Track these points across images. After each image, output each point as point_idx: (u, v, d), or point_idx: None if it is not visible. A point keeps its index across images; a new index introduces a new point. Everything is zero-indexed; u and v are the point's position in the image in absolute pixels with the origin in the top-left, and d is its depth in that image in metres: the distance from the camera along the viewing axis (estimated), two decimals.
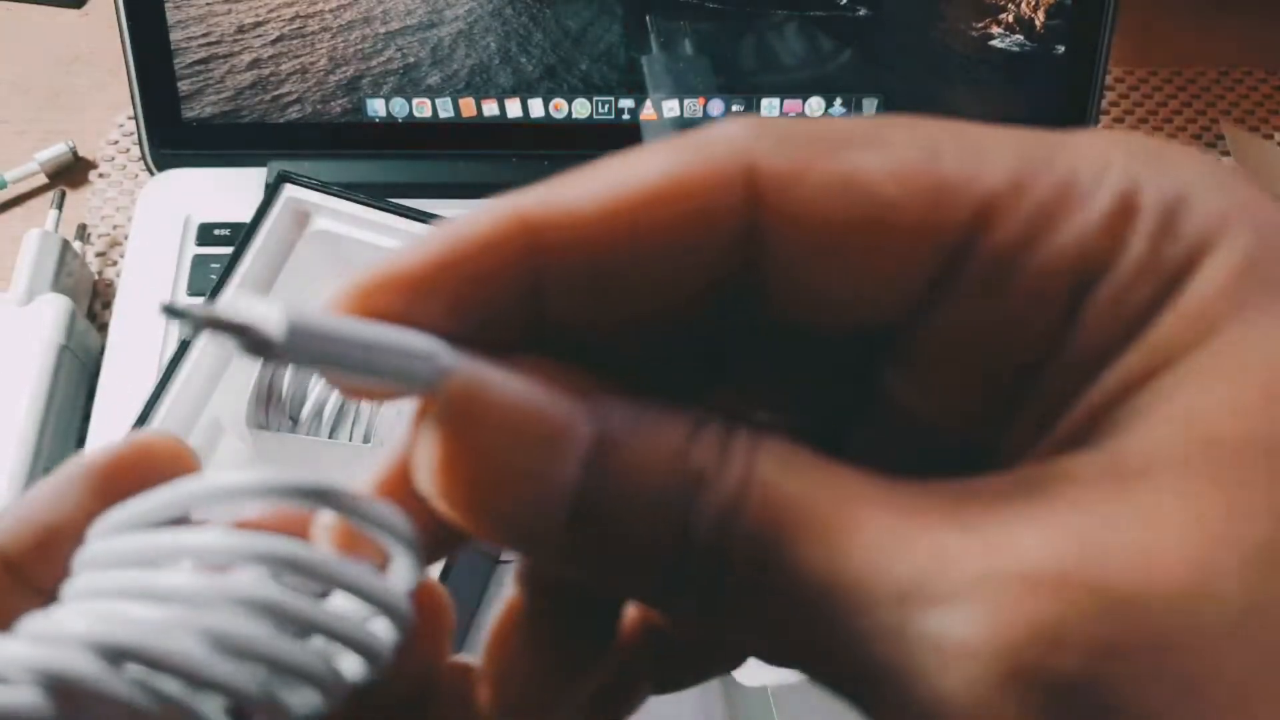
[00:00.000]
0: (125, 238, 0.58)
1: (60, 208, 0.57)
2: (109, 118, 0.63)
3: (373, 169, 0.57)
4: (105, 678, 0.14)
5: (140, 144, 0.57)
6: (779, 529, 0.14)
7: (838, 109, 0.57)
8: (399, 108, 0.57)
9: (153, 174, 0.58)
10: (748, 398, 0.17)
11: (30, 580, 0.17)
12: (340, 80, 0.56)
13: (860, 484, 0.14)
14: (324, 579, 0.15)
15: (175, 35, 0.55)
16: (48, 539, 0.17)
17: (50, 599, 0.16)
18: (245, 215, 0.53)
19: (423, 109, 0.57)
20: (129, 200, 0.59)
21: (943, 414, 0.15)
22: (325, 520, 0.16)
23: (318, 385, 0.41)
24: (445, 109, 0.57)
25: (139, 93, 0.56)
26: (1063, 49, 0.56)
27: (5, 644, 0.14)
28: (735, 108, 0.57)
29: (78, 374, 0.52)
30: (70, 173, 0.61)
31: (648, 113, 0.57)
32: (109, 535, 0.16)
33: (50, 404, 0.49)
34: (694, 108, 0.57)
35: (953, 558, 0.13)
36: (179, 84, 0.56)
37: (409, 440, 0.15)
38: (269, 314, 0.13)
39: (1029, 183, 0.14)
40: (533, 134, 0.58)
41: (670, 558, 0.14)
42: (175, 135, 0.57)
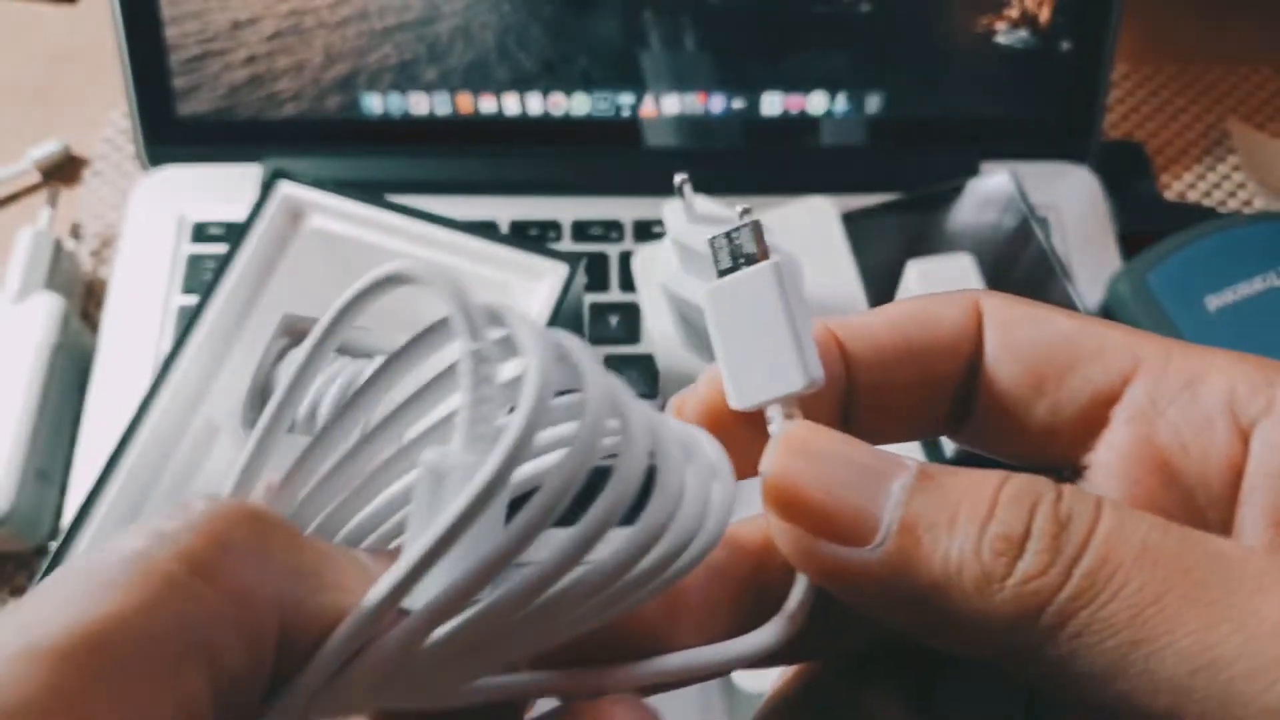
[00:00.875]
0: (119, 236, 0.57)
1: (53, 206, 0.56)
2: (102, 115, 0.62)
3: (369, 166, 0.57)
4: None
5: (134, 141, 0.57)
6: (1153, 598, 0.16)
7: (840, 104, 0.56)
8: (395, 104, 0.56)
9: (146, 171, 0.57)
10: None
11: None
12: (336, 76, 0.55)
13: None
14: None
15: (169, 31, 0.54)
16: None
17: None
18: (240, 213, 0.52)
19: (419, 105, 0.56)
20: (122, 198, 0.59)
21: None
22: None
23: (312, 386, 0.41)
24: (442, 105, 0.56)
25: (133, 89, 0.55)
26: (1068, 45, 0.55)
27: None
28: (736, 104, 0.56)
29: (71, 373, 0.51)
30: (63, 170, 0.60)
31: (647, 109, 0.57)
32: None
33: (43, 403, 0.49)
34: (694, 104, 0.56)
35: None
36: (173, 80, 0.55)
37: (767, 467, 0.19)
38: None
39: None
40: (531, 130, 0.57)
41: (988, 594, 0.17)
42: (169, 132, 0.56)
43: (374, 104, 0.56)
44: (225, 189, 0.56)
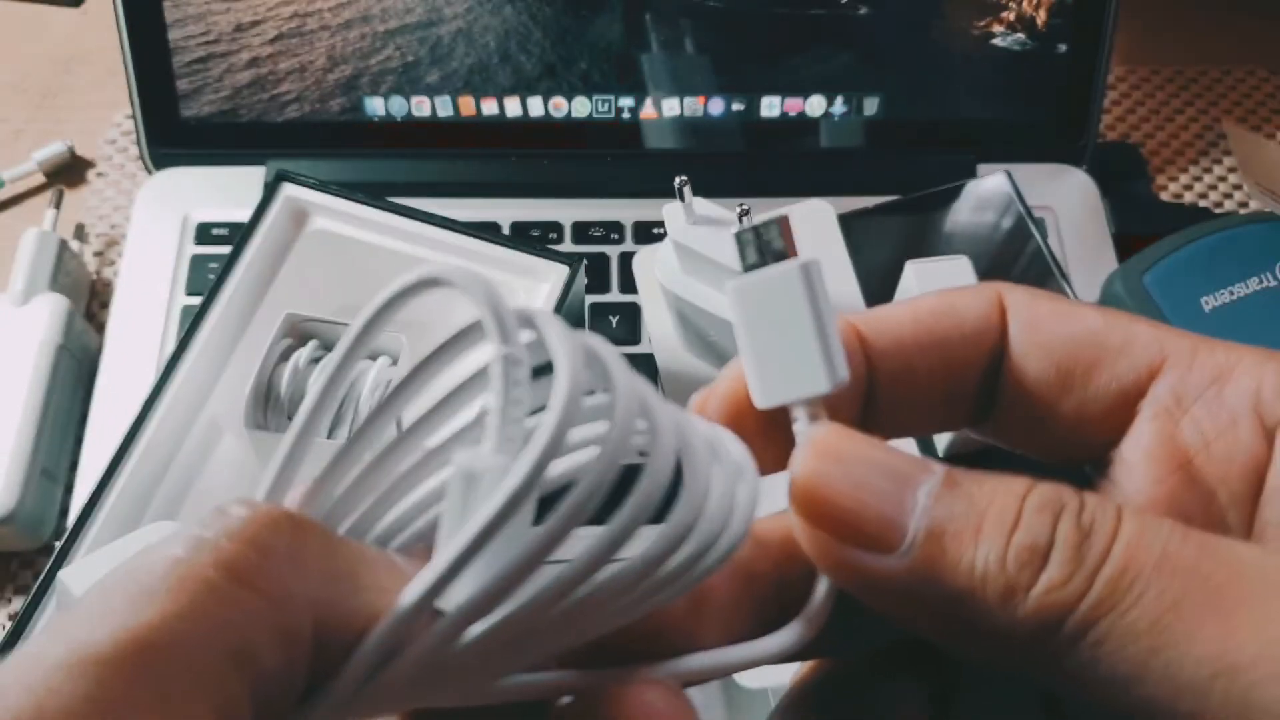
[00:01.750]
0: (123, 237, 0.57)
1: (58, 207, 0.56)
2: (107, 117, 0.62)
3: (371, 168, 0.57)
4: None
5: (138, 143, 0.57)
6: (1169, 607, 0.16)
7: (838, 107, 0.57)
8: (398, 106, 0.57)
9: (151, 173, 0.58)
10: None
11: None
12: (339, 79, 0.56)
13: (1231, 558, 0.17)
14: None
15: (173, 34, 0.55)
16: None
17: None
18: (244, 214, 0.53)
19: (421, 108, 0.57)
20: (127, 200, 0.59)
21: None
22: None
23: (315, 385, 0.41)
24: (444, 108, 0.57)
25: (137, 92, 0.56)
26: (1064, 48, 0.56)
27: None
28: (736, 106, 0.57)
29: (75, 374, 0.52)
30: (68, 172, 0.60)
31: (648, 111, 0.57)
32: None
33: (48, 403, 0.49)
34: (694, 106, 0.57)
35: None
36: (177, 83, 0.55)
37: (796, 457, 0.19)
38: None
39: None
40: (532, 132, 0.57)
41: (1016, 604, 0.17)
42: (173, 134, 0.57)
43: (376, 106, 0.56)
44: (229, 191, 0.56)
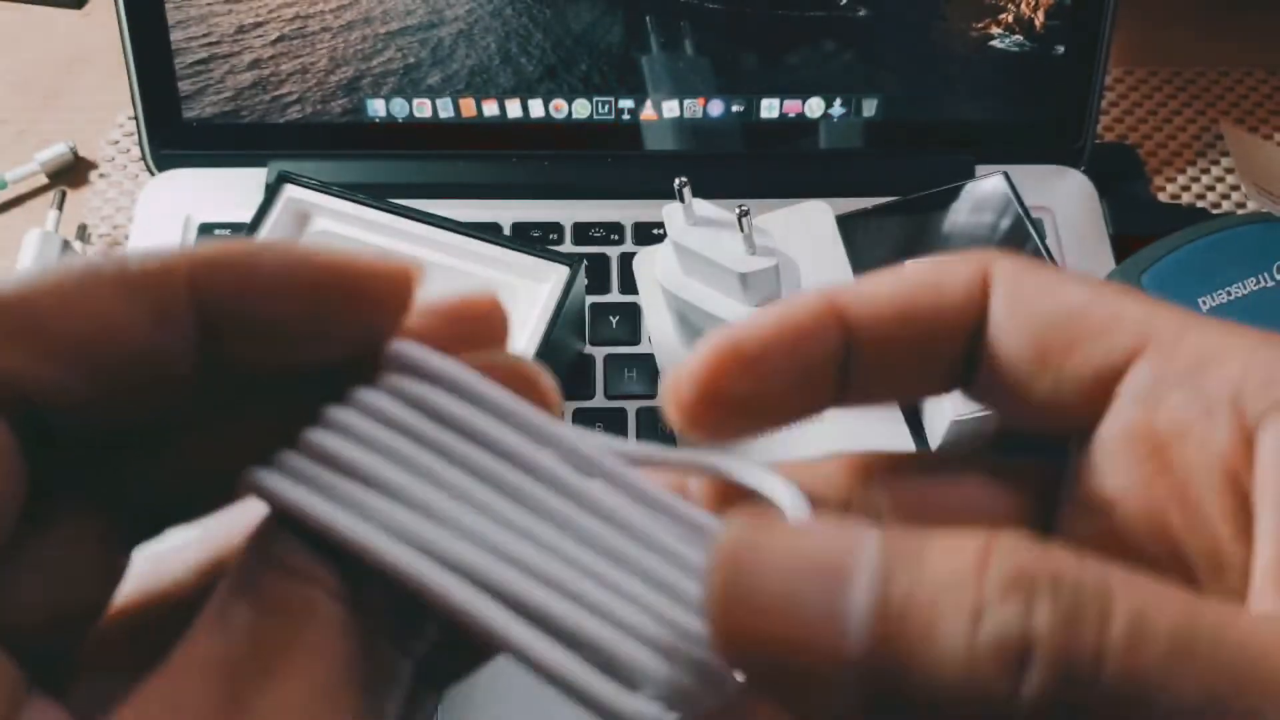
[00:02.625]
0: (126, 238, 0.58)
1: (60, 208, 0.57)
2: (109, 118, 0.63)
3: (373, 169, 0.57)
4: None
5: (140, 144, 0.57)
6: (1159, 662, 0.14)
7: (837, 108, 0.57)
8: (399, 108, 0.57)
9: (153, 174, 0.58)
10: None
11: None
12: (340, 80, 0.56)
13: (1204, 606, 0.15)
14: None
15: (175, 35, 0.55)
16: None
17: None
18: (246, 215, 0.53)
19: (423, 109, 0.57)
20: (129, 200, 0.59)
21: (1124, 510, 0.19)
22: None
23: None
24: (445, 109, 0.57)
25: (139, 93, 0.56)
26: (1062, 49, 0.56)
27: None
28: (735, 108, 0.57)
29: None
30: (71, 173, 0.61)
31: (648, 113, 0.57)
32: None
33: None
34: (694, 108, 0.57)
35: None
36: (179, 84, 0.56)
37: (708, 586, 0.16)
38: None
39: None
40: (533, 134, 0.58)
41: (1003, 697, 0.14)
42: (175, 135, 0.57)
43: (378, 108, 0.57)
44: (231, 192, 0.57)
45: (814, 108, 0.57)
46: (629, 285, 0.54)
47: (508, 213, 0.57)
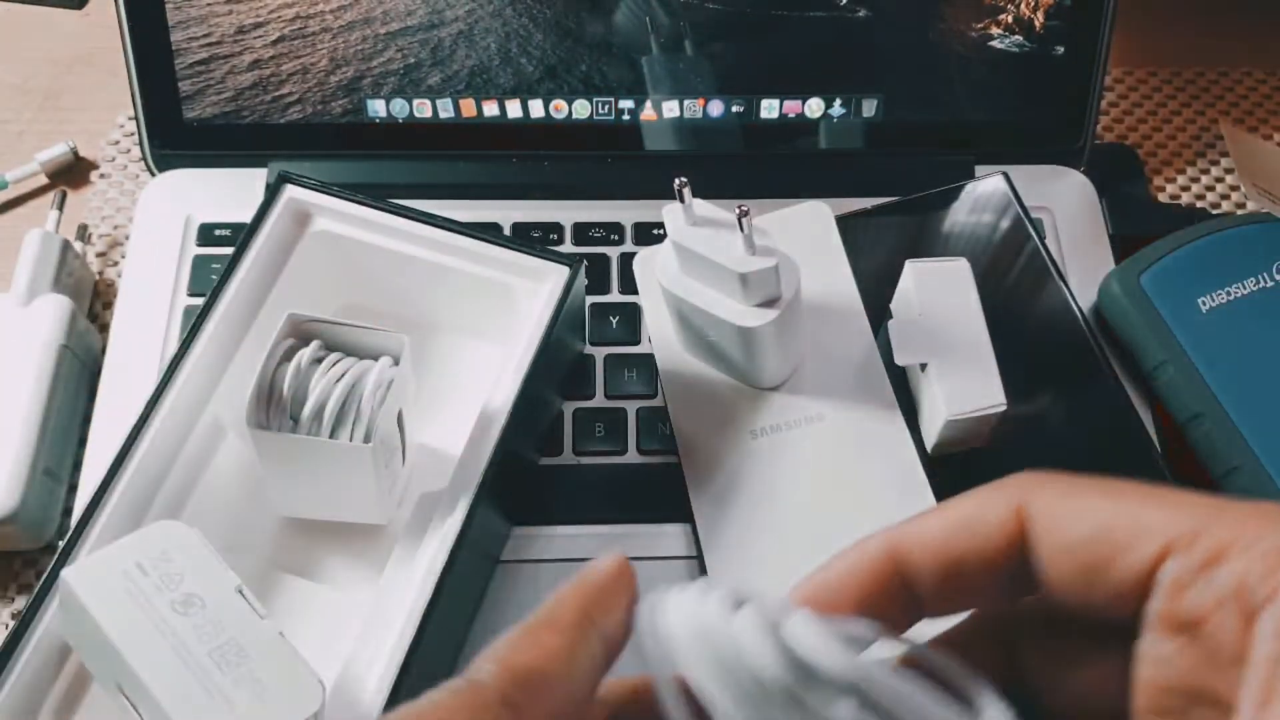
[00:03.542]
0: (126, 238, 0.58)
1: (61, 208, 0.57)
2: (109, 118, 0.63)
3: (373, 169, 0.57)
4: None
5: (141, 144, 0.57)
6: None
7: (837, 109, 0.57)
8: (399, 108, 0.57)
9: (153, 174, 0.58)
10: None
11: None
12: (341, 81, 0.56)
13: None
14: None
15: (176, 36, 0.55)
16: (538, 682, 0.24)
17: None
18: (246, 216, 0.53)
19: (423, 109, 0.57)
20: (130, 201, 0.60)
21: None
22: None
23: (318, 385, 0.41)
24: (446, 109, 0.57)
25: (139, 93, 0.56)
26: (1062, 49, 0.56)
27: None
28: (735, 108, 0.57)
29: (78, 374, 0.52)
30: (71, 173, 0.61)
31: (648, 113, 0.57)
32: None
33: (51, 404, 0.49)
34: (694, 108, 0.57)
35: None
36: (180, 84, 0.56)
37: None
38: None
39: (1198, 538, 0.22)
40: (533, 134, 0.58)
41: None
42: (176, 136, 0.57)
43: (378, 108, 0.57)
44: (231, 192, 0.57)
45: (814, 108, 0.57)
46: (629, 285, 0.54)
47: (508, 213, 0.57)
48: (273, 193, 0.48)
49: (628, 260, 0.55)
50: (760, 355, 0.46)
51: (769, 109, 0.57)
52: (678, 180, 0.42)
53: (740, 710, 0.22)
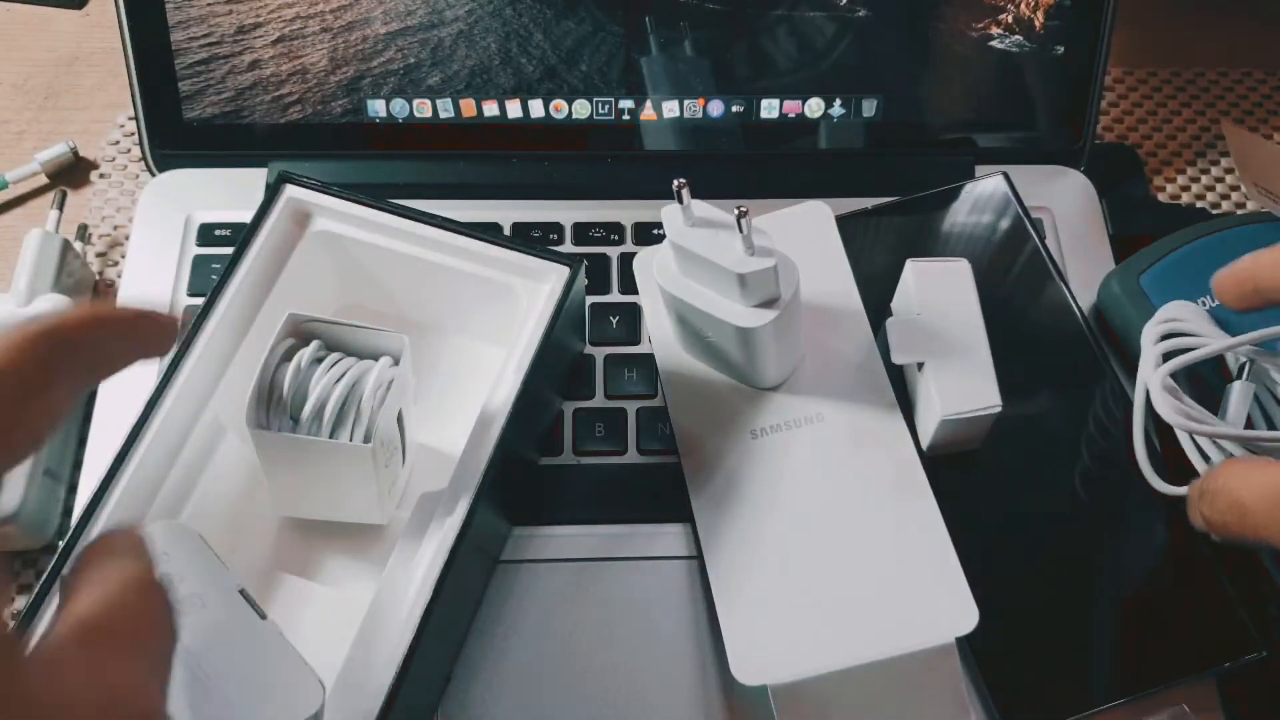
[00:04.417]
0: (126, 238, 0.58)
1: (61, 208, 0.57)
2: (109, 118, 0.63)
3: (373, 169, 0.57)
4: None
5: (141, 144, 0.57)
6: None
7: (837, 109, 0.57)
8: (399, 108, 0.57)
9: (153, 174, 0.58)
10: None
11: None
12: (341, 81, 0.56)
13: None
14: None
15: (176, 36, 0.55)
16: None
17: None
18: (246, 216, 0.53)
19: (423, 109, 0.57)
20: (130, 200, 0.60)
21: None
22: None
23: (319, 385, 0.41)
24: (446, 109, 0.57)
25: (139, 93, 0.56)
26: (1062, 49, 0.56)
27: None
28: (735, 108, 0.57)
29: None
30: (71, 173, 0.61)
31: (647, 113, 0.57)
32: None
33: None
34: (693, 108, 0.57)
35: None
36: (179, 84, 0.56)
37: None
38: None
39: None
40: (533, 134, 0.58)
41: None
42: (176, 136, 0.57)
43: (378, 108, 0.57)
44: (231, 192, 0.57)
45: (814, 108, 0.57)
46: (629, 285, 0.54)
47: (508, 213, 0.57)
48: (273, 192, 0.48)
49: (628, 260, 0.55)
50: (760, 355, 0.46)
51: (769, 109, 0.57)
52: (676, 181, 0.42)
53: None
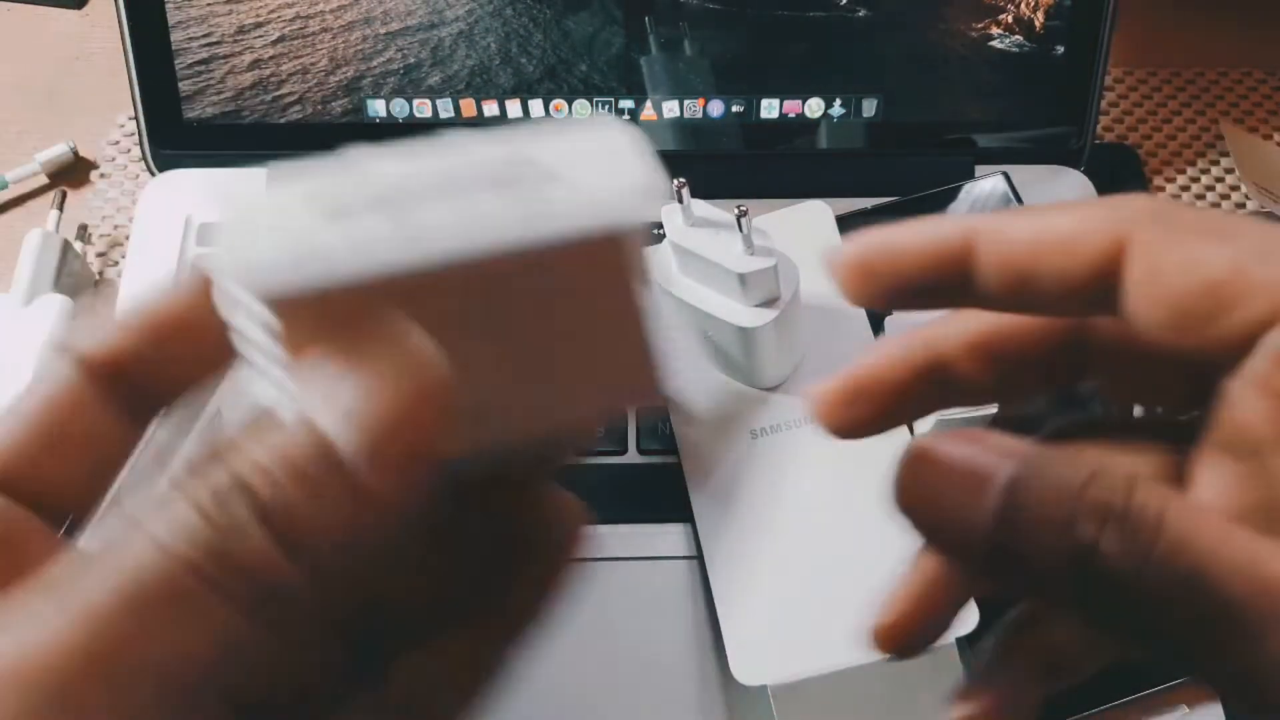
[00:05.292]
0: (126, 238, 0.58)
1: (61, 208, 0.57)
2: (110, 118, 0.63)
3: None
4: None
5: (141, 144, 0.57)
6: (1192, 560, 0.18)
7: (837, 109, 0.57)
8: (400, 108, 0.57)
9: (153, 174, 0.58)
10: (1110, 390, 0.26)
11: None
12: (341, 81, 0.56)
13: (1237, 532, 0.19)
14: None
15: (176, 35, 0.55)
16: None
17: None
18: None
19: (423, 110, 0.57)
20: (130, 200, 0.60)
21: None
22: None
23: None
24: (446, 109, 0.57)
25: (139, 93, 0.56)
26: (1062, 49, 0.56)
27: None
28: (735, 108, 0.57)
29: None
30: (71, 173, 0.61)
31: (647, 113, 0.57)
32: None
33: None
34: (693, 108, 0.57)
35: None
36: (180, 84, 0.56)
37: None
38: None
39: None
40: None
41: (1072, 573, 0.19)
42: (176, 136, 0.57)
43: (378, 108, 0.57)
44: (231, 192, 0.57)
45: (814, 108, 0.57)
46: None
47: None
48: None
49: None
50: (760, 355, 0.46)
51: (769, 109, 0.57)
52: (676, 181, 0.42)
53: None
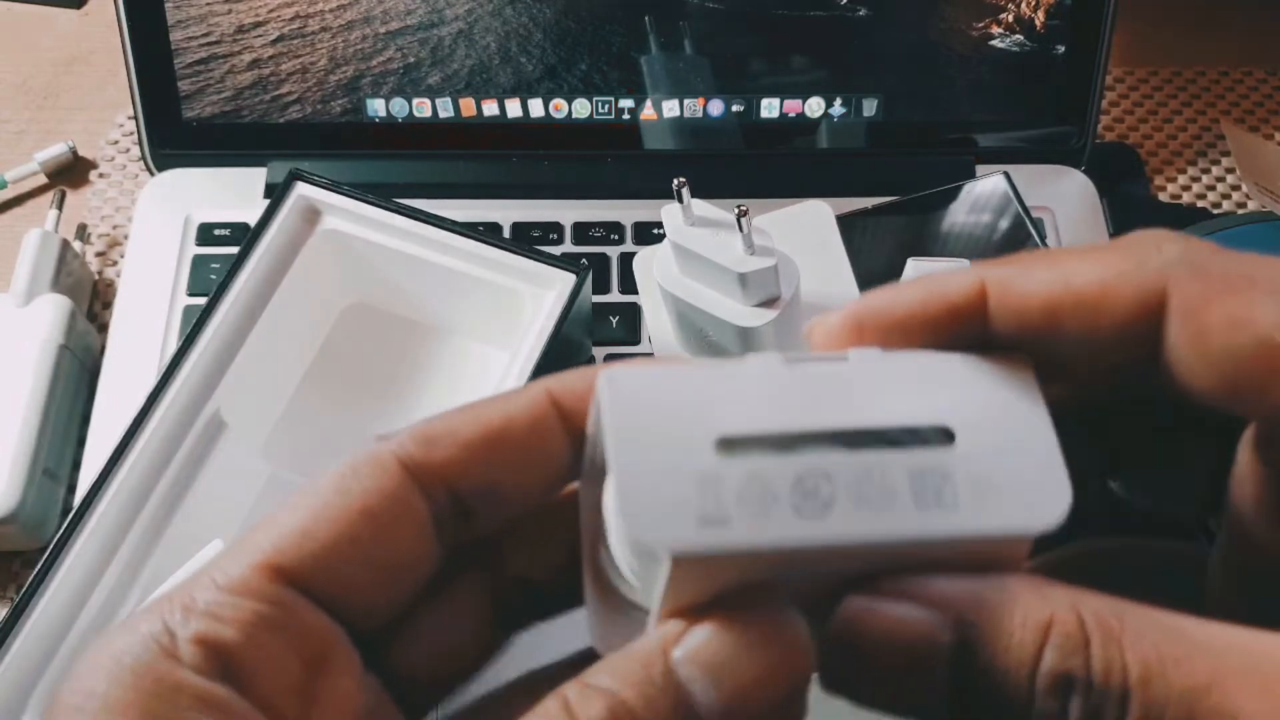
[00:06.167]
0: (125, 238, 0.58)
1: (60, 208, 0.57)
2: (109, 118, 0.63)
3: (373, 169, 0.57)
4: None
5: (140, 144, 0.57)
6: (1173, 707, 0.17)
7: (837, 108, 0.57)
8: (399, 108, 0.57)
9: (153, 174, 0.58)
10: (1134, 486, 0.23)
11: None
12: (340, 80, 0.56)
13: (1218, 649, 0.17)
14: None
15: (175, 35, 0.55)
16: None
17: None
18: (245, 215, 0.53)
19: (423, 109, 0.57)
20: (129, 200, 0.59)
21: None
22: None
23: None
24: (445, 109, 0.57)
25: (139, 93, 0.56)
26: (1063, 49, 0.56)
27: None
28: (735, 107, 0.57)
29: (78, 374, 0.52)
30: (70, 173, 0.61)
31: (647, 113, 0.57)
32: None
33: (50, 403, 0.49)
34: (693, 108, 0.57)
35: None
36: (179, 84, 0.56)
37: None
38: None
39: None
40: (533, 134, 0.58)
41: None
42: (175, 135, 0.57)
43: (378, 107, 0.57)
44: (230, 191, 0.57)
45: (814, 108, 0.57)
46: (629, 285, 0.54)
47: (507, 212, 0.57)
48: (283, 189, 0.48)
49: (628, 260, 0.55)
50: None
51: (769, 109, 0.57)
52: (676, 180, 0.42)
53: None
